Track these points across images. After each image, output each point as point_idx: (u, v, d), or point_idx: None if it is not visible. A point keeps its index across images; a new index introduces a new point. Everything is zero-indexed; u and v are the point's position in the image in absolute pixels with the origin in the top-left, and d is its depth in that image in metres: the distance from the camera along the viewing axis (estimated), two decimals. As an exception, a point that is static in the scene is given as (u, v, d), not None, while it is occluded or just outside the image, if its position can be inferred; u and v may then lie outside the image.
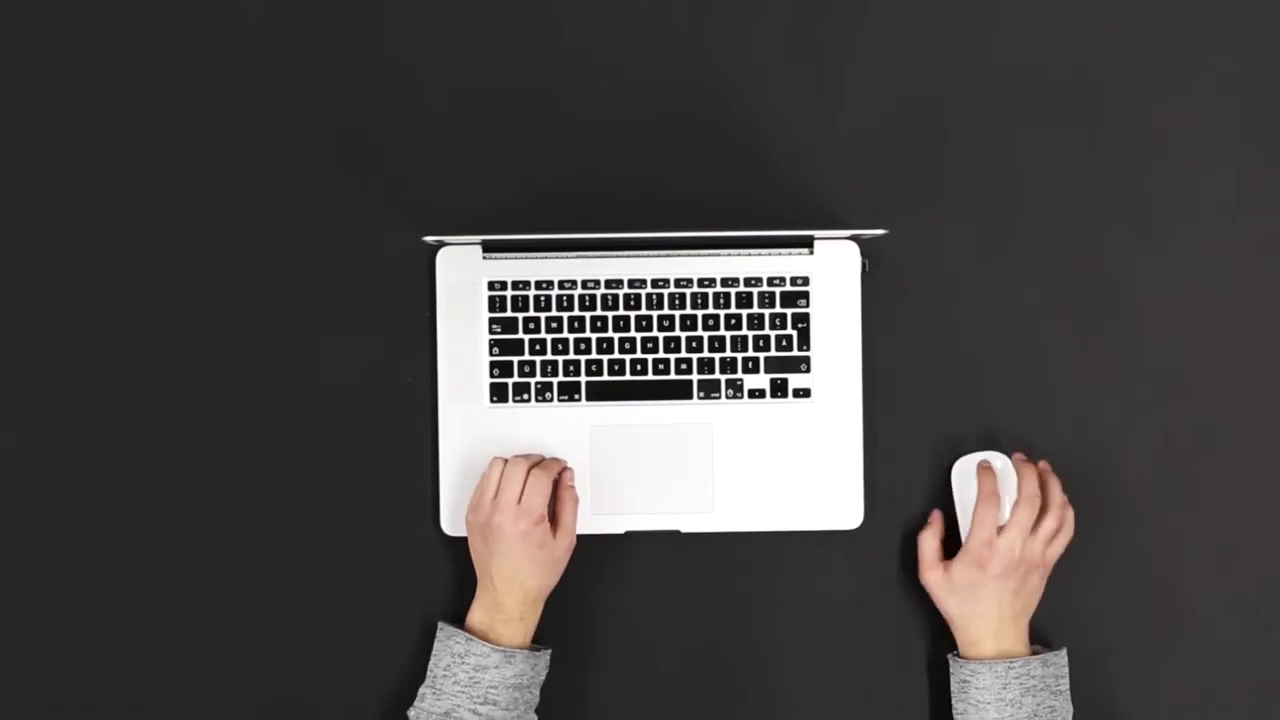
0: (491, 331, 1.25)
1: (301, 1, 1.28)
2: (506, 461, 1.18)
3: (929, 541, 1.21)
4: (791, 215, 1.26)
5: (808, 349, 1.25)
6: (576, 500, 1.21)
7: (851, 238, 1.25)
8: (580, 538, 1.23)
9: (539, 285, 1.25)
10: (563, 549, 1.19)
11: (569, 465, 1.22)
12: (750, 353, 1.25)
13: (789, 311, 1.25)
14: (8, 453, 1.26)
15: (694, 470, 1.25)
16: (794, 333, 1.25)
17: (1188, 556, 1.26)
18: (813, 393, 1.25)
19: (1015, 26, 1.28)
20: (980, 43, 1.28)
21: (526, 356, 1.25)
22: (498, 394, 1.25)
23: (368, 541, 1.26)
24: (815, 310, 1.25)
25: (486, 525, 1.17)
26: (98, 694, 1.25)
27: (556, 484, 1.20)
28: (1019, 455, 1.22)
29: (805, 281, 1.26)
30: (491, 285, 1.25)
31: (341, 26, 1.28)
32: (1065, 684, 1.19)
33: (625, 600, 1.26)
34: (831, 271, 1.26)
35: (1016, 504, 1.18)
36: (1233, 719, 1.26)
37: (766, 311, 1.25)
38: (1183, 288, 1.27)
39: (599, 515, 1.25)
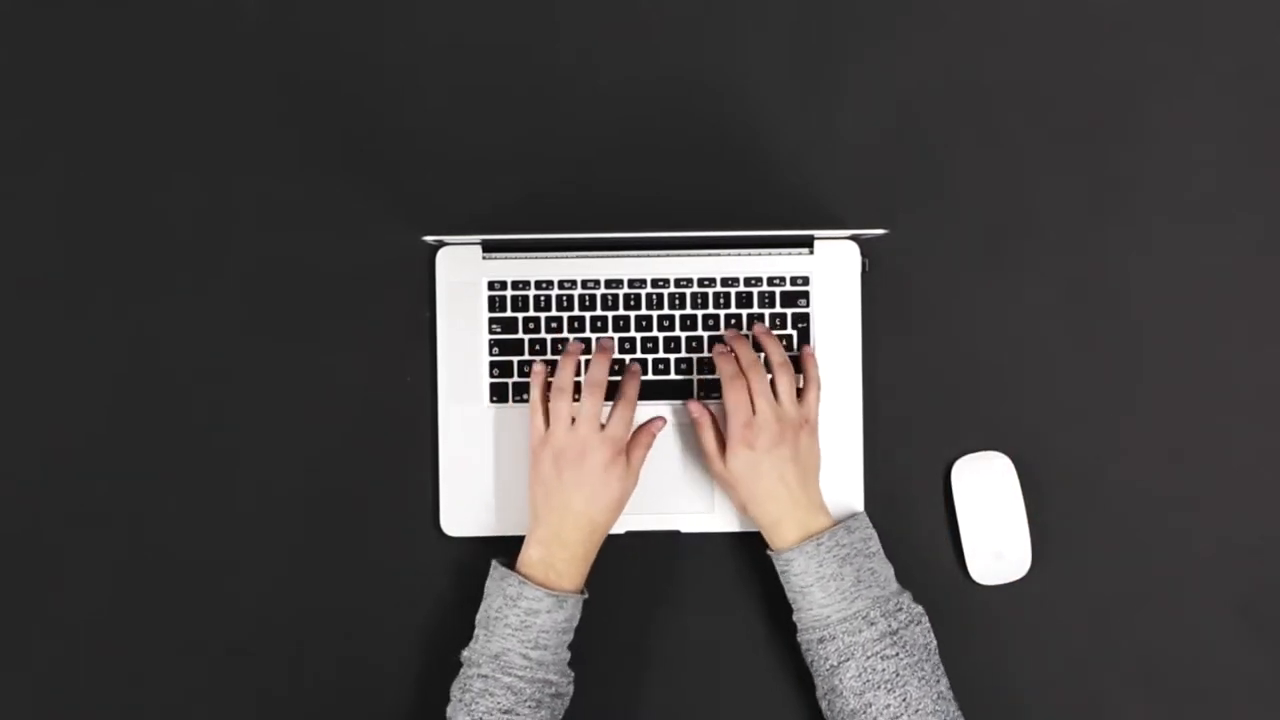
0: (491, 331, 1.25)
1: (301, 1, 1.28)
2: (584, 386, 1.17)
3: (705, 436, 1.21)
4: (791, 215, 1.26)
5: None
6: (649, 445, 1.21)
7: (851, 238, 1.25)
8: (580, 538, 1.24)
9: (539, 285, 1.25)
10: (630, 489, 1.19)
11: (660, 416, 1.23)
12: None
13: (789, 311, 1.25)
14: (8, 453, 1.26)
15: (694, 470, 1.25)
16: (794, 333, 1.25)
17: (1188, 556, 1.26)
18: (813, 393, 1.25)
19: (1015, 26, 1.28)
20: (980, 42, 1.28)
21: (526, 356, 1.25)
22: (498, 394, 1.25)
23: (368, 541, 1.26)
24: (815, 310, 1.25)
25: (562, 452, 1.16)
26: (98, 694, 1.25)
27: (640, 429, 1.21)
28: (758, 327, 1.23)
29: (805, 281, 1.26)
30: (491, 285, 1.25)
31: (341, 26, 1.28)
32: (876, 545, 1.18)
33: (625, 600, 1.26)
34: (831, 271, 1.26)
35: (752, 376, 1.18)
36: (1233, 719, 1.26)
37: (766, 311, 1.25)
38: (1182, 288, 1.27)
39: (599, 515, 1.25)
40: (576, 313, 1.25)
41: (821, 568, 1.15)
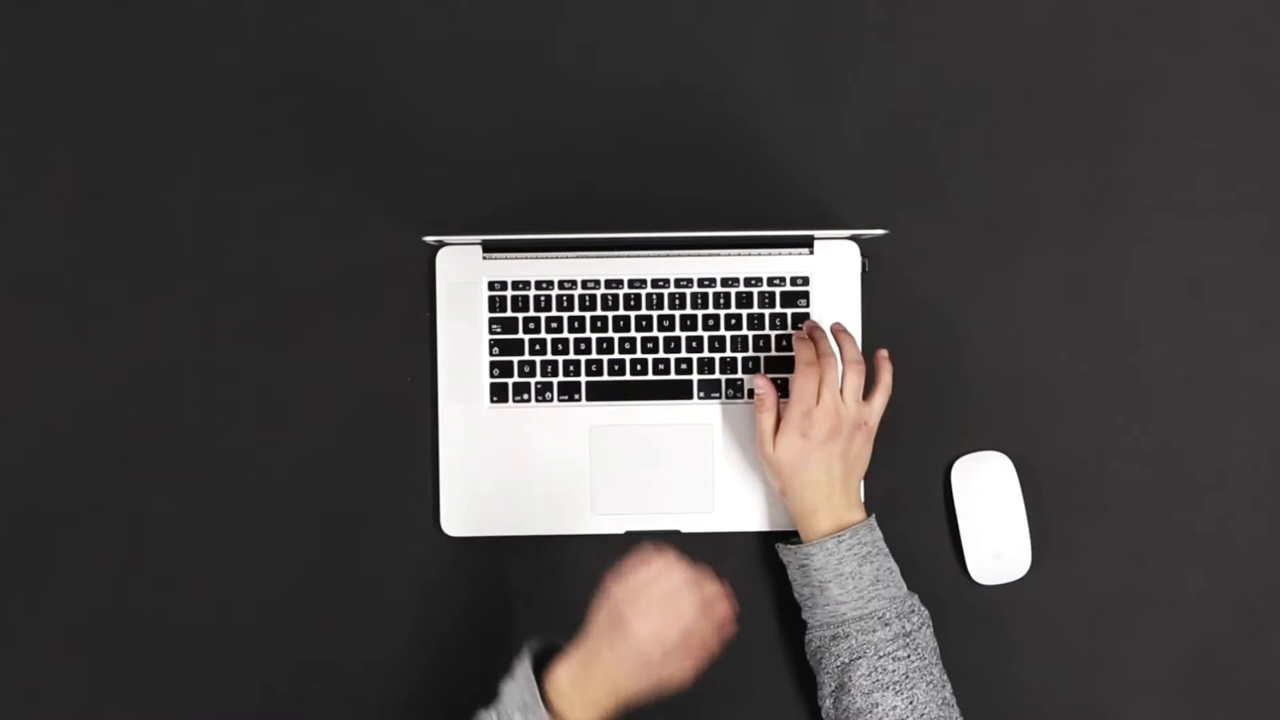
0: (491, 331, 1.25)
1: (301, 1, 1.28)
2: (686, 588, 1.08)
3: (764, 416, 1.20)
4: (791, 215, 1.26)
5: (808, 349, 1.25)
6: (709, 652, 1.11)
7: (851, 238, 1.25)
8: (580, 538, 1.24)
9: (539, 285, 1.25)
10: (678, 680, 1.10)
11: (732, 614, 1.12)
12: (750, 353, 1.25)
13: (789, 311, 1.25)
14: (8, 453, 1.26)
15: (694, 470, 1.25)
16: (794, 333, 1.25)
17: (1188, 556, 1.26)
18: (813, 393, 1.25)
19: (1015, 26, 1.28)
20: (980, 42, 1.28)
21: (526, 356, 1.25)
22: (498, 394, 1.25)
23: (368, 541, 1.26)
24: (815, 310, 1.25)
25: (635, 635, 1.06)
26: (98, 693, 1.25)
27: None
28: (836, 324, 1.22)
29: (805, 281, 1.26)
30: (491, 285, 1.25)
31: (341, 26, 1.28)
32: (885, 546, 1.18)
33: (625, 600, 1.26)
34: (831, 271, 1.26)
35: (825, 366, 1.17)
36: (1233, 719, 1.26)
37: (766, 311, 1.25)
38: (1182, 288, 1.27)
39: (599, 515, 1.25)
40: (576, 313, 1.25)
41: (841, 565, 1.15)
